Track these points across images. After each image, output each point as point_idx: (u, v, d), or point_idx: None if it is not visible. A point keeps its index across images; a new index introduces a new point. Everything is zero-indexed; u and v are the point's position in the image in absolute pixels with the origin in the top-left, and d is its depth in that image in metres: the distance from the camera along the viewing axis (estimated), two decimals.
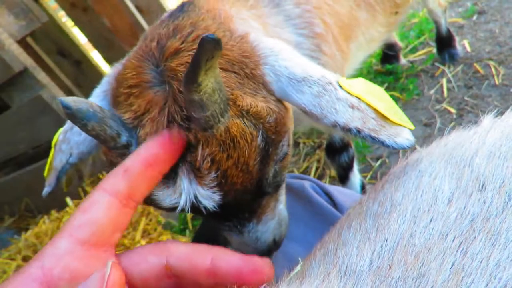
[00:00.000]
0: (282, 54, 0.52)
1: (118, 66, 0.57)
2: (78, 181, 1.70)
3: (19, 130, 1.72)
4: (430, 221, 0.32)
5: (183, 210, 0.49)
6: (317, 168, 1.69)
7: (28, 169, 1.86)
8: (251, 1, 0.72)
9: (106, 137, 0.43)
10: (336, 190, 0.78)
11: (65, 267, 0.34)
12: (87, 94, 0.60)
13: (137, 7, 2.02)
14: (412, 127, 0.47)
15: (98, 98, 0.57)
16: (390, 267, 0.30)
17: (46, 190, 0.58)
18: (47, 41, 2.29)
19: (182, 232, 1.67)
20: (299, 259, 0.39)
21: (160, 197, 0.48)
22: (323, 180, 1.60)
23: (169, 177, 0.47)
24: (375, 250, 0.34)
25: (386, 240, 0.34)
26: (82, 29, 2.21)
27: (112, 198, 0.37)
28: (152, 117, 0.46)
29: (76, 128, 0.56)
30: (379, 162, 1.59)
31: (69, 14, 2.19)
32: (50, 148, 0.60)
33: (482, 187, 0.32)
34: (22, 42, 1.70)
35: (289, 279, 0.36)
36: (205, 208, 0.49)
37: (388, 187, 0.43)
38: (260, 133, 0.47)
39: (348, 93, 0.47)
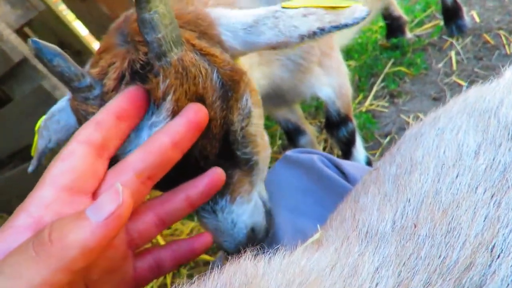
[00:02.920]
0: (230, 13, 0.57)
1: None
2: None
3: (22, 122, 1.71)
4: (457, 176, 0.30)
5: None
6: (324, 148, 1.67)
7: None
8: None
9: (70, 74, 0.45)
10: (347, 163, 0.75)
11: (55, 212, 0.35)
12: None
13: None
14: (360, 2, 0.52)
15: None
16: (415, 226, 0.28)
17: (30, 168, 0.66)
18: (46, 32, 2.26)
19: (190, 217, 1.66)
20: (318, 226, 0.37)
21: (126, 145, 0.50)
22: None
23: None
24: (397, 211, 0.31)
25: (409, 201, 0.32)
26: (82, 19, 2.18)
27: (88, 147, 0.39)
28: (116, 66, 0.49)
29: (55, 117, 0.61)
30: (388, 138, 1.56)
31: (68, 5, 2.15)
32: None
33: None
34: (21, 34, 1.67)
35: (305, 246, 0.34)
36: None
37: (405, 148, 0.40)
38: (214, 72, 0.50)
39: (295, 8, 0.52)
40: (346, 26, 0.50)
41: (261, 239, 0.62)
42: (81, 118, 0.50)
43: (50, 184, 0.37)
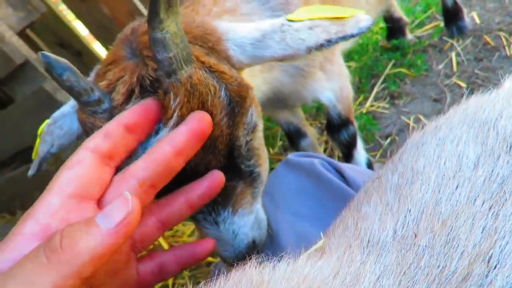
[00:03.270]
0: (237, 27, 0.57)
1: (99, 65, 0.61)
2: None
3: (24, 123, 1.71)
4: (456, 187, 0.31)
5: None
6: (325, 149, 1.68)
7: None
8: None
9: (79, 88, 0.46)
10: (347, 167, 0.76)
11: (61, 219, 0.36)
12: None
13: None
14: (363, 10, 0.53)
15: None
16: (415, 236, 0.29)
17: (30, 172, 0.66)
18: (46, 33, 2.27)
19: (191, 218, 1.67)
20: (321, 234, 0.38)
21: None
22: None
23: None
24: (398, 221, 0.32)
25: (410, 211, 0.33)
26: (82, 19, 2.18)
27: (95, 156, 0.40)
28: (124, 80, 0.50)
29: (59, 123, 0.62)
30: (388, 140, 1.57)
31: (68, 6, 2.16)
32: None
33: (510, 148, 0.30)
34: (22, 35, 1.68)
35: (309, 254, 0.35)
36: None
37: (407, 157, 0.41)
38: (222, 89, 0.50)
39: (300, 21, 0.53)
40: (352, 36, 0.51)
41: (260, 249, 0.62)
42: (88, 130, 0.51)
43: (57, 191, 0.37)
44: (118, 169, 0.43)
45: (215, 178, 0.49)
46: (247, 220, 0.59)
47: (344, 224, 0.39)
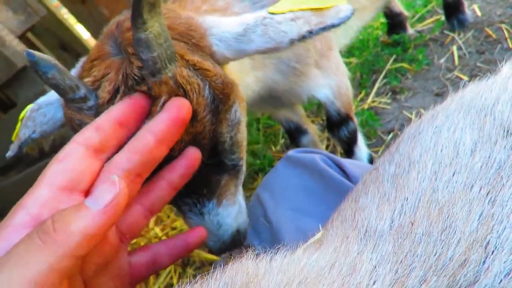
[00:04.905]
0: (221, 22, 0.58)
1: (84, 58, 0.62)
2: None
3: None
4: (453, 174, 0.30)
5: None
6: (327, 146, 1.67)
7: (39, 165, 1.88)
8: None
9: (65, 86, 0.46)
10: (348, 162, 0.76)
11: (52, 210, 0.36)
12: None
13: None
14: (344, 0, 0.54)
15: None
16: (412, 224, 0.29)
17: (9, 154, 0.67)
18: (48, 36, 2.28)
19: None
20: (320, 226, 0.37)
21: None
22: None
23: None
24: (395, 210, 0.32)
25: (407, 199, 0.32)
26: (83, 21, 2.19)
27: (85, 149, 0.41)
28: (110, 78, 0.50)
29: (42, 110, 0.63)
30: (391, 135, 1.56)
31: (68, 8, 2.17)
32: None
33: (507, 133, 0.30)
34: (23, 38, 1.69)
35: (306, 246, 0.35)
36: None
37: (404, 147, 0.41)
38: (206, 86, 0.51)
39: (282, 13, 0.54)
40: (333, 26, 0.52)
41: (244, 239, 0.64)
42: (76, 127, 0.52)
43: (48, 183, 0.38)
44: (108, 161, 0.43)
45: (192, 155, 0.50)
46: (231, 210, 0.60)
47: (343, 216, 0.39)
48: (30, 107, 0.65)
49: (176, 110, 0.45)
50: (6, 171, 2.11)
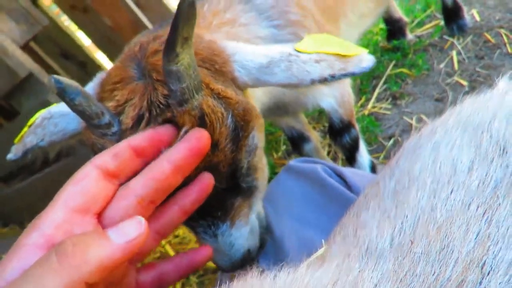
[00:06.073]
0: (245, 49, 0.58)
1: (102, 73, 0.61)
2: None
3: None
4: (451, 192, 0.31)
5: None
6: (328, 152, 1.68)
7: (43, 173, 1.89)
8: (222, 3, 0.77)
9: (91, 113, 0.47)
10: (349, 171, 0.76)
11: (65, 232, 0.37)
12: None
13: (137, 3, 2.00)
14: (366, 50, 0.55)
15: None
16: (412, 243, 0.29)
17: (9, 157, 0.66)
18: (50, 44, 2.30)
19: None
20: (323, 241, 0.38)
21: None
22: (336, 164, 1.58)
23: None
24: (395, 228, 0.33)
25: (407, 217, 0.33)
26: (85, 30, 2.21)
27: (100, 173, 0.41)
28: (133, 103, 0.50)
29: (54, 120, 0.63)
30: (391, 141, 1.57)
31: (70, 17, 2.18)
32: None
33: (503, 151, 0.31)
34: (25, 47, 1.71)
35: (309, 262, 0.36)
36: None
37: (404, 162, 0.42)
38: (229, 115, 0.52)
39: (308, 53, 0.55)
40: (353, 74, 0.53)
41: (254, 257, 0.64)
42: (97, 150, 0.51)
43: (62, 205, 0.39)
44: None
45: (205, 181, 0.50)
46: (243, 231, 0.60)
47: (345, 232, 0.39)
48: (42, 113, 0.65)
49: (195, 141, 0.45)
50: (10, 179, 2.12)
